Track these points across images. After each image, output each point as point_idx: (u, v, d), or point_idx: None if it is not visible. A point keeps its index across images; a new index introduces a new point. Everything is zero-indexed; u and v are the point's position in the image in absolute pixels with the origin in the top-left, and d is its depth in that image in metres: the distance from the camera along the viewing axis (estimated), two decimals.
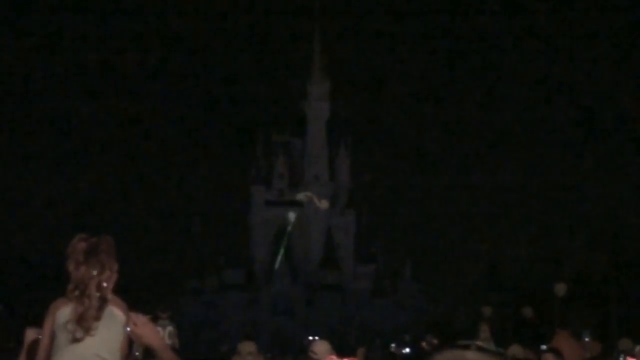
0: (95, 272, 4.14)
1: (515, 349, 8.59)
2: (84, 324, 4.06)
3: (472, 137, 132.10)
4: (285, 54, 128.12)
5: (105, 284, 4.17)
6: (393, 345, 51.95)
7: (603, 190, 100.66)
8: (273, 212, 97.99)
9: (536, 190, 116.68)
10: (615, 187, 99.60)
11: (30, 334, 6.29)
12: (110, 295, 4.18)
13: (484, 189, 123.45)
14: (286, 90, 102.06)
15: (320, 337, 8.94)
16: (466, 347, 2.26)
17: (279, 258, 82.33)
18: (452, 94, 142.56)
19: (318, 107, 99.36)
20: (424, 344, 10.97)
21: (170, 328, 5.13)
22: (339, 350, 11.95)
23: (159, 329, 5.49)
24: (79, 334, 4.05)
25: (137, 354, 6.82)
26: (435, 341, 10.97)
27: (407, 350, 48.96)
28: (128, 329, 4.15)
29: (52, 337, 4.15)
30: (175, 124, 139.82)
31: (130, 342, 4.26)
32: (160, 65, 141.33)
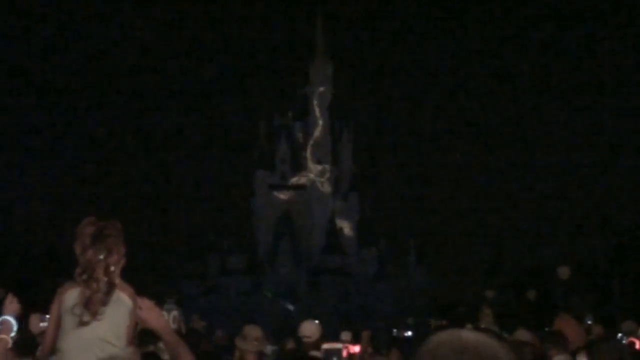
0: (102, 256, 4.15)
1: (521, 334, 8.56)
2: (91, 307, 4.07)
3: (476, 120, 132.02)
4: (287, 38, 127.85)
5: (112, 268, 4.18)
6: (395, 330, 52.14)
7: (604, 177, 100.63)
8: (276, 196, 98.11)
9: (540, 174, 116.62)
10: (616, 175, 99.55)
11: (34, 321, 6.28)
12: (117, 280, 4.20)
13: (488, 173, 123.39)
14: (289, 74, 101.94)
15: (324, 321, 8.92)
16: (461, 327, 2.27)
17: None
18: (456, 77, 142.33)
19: (321, 91, 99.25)
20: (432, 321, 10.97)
21: (175, 312, 5.14)
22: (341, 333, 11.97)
23: (164, 313, 5.49)
24: (86, 318, 4.06)
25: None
26: (444, 322, 10.96)
27: (409, 333, 49.18)
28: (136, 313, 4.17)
29: (59, 321, 4.16)
30: (179, 110, 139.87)
31: (135, 326, 4.27)
32: (163, 53, 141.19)
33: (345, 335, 12.65)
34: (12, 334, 4.98)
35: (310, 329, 7.79)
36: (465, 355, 2.18)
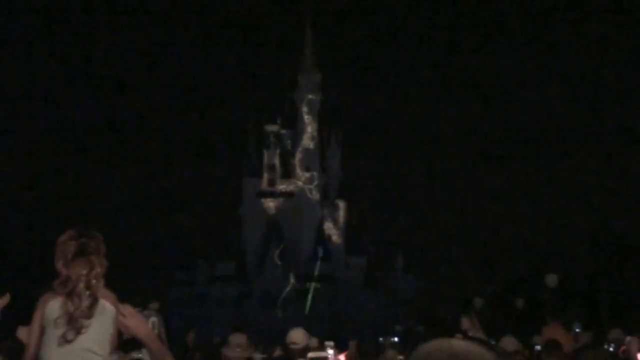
0: (84, 272, 4.12)
1: (507, 341, 8.52)
2: (75, 324, 4.04)
3: (465, 127, 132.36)
4: (276, 44, 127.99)
5: (94, 281, 4.14)
6: (381, 338, 52.10)
7: (593, 185, 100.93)
8: (264, 203, 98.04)
9: (528, 184, 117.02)
10: (604, 183, 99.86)
11: (22, 333, 6.25)
12: (100, 291, 4.16)
13: (477, 181, 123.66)
14: (277, 81, 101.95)
15: (311, 329, 8.91)
16: (451, 335, 2.27)
17: None
18: (444, 83, 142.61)
19: (309, 99, 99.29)
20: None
21: (154, 319, 5.08)
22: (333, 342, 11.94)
23: None
24: (70, 336, 4.03)
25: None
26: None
27: (396, 339, 49.17)
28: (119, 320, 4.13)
29: (42, 332, 4.12)
30: (167, 116, 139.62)
31: (119, 334, 4.24)
32: (152, 57, 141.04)
33: (330, 345, 12.63)
34: None
35: (297, 336, 7.77)
36: None
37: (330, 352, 9.57)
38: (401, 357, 12.45)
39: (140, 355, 4.86)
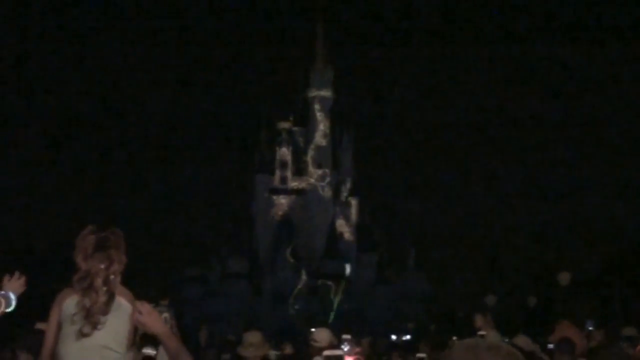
0: (103, 266, 4.14)
1: (521, 340, 8.51)
2: (91, 319, 4.06)
3: (478, 125, 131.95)
4: (288, 41, 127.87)
5: (112, 277, 4.16)
6: (394, 336, 52.12)
7: (603, 184, 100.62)
8: (277, 200, 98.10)
9: (539, 181, 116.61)
10: (614, 182, 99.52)
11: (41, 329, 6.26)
12: (117, 288, 4.18)
13: (488, 178, 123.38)
14: (290, 78, 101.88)
15: (324, 327, 8.96)
16: (476, 347, 2.30)
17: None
18: (456, 81, 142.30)
19: (321, 95, 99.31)
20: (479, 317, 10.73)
21: (166, 314, 5.13)
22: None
23: None
24: (86, 330, 4.04)
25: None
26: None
27: (408, 337, 49.16)
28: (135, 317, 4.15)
29: (59, 328, 4.14)
30: (180, 113, 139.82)
31: (135, 331, 4.26)
32: (163, 54, 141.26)
33: (347, 338, 12.66)
34: (10, 308, 4.94)
35: (321, 335, 7.86)
36: None
37: (346, 347, 9.60)
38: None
39: (153, 351, 4.89)
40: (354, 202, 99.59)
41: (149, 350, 4.87)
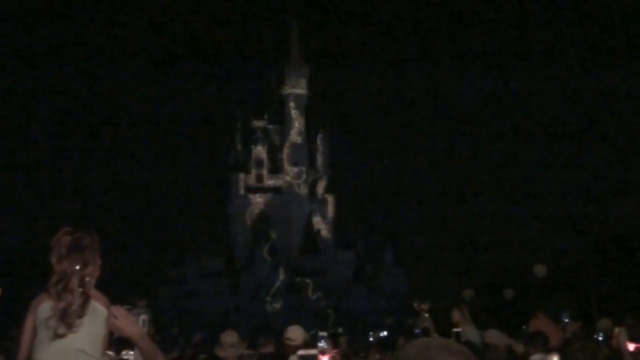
0: (78, 267, 4.13)
1: (492, 335, 8.57)
2: (66, 320, 4.05)
3: (450, 120, 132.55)
4: (263, 39, 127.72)
5: (88, 279, 4.16)
6: (371, 333, 52.25)
7: (583, 175, 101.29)
8: (253, 199, 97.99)
9: (515, 175, 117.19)
10: (594, 173, 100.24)
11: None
12: (92, 291, 4.18)
13: (465, 174, 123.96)
14: (265, 76, 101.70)
15: (300, 324, 8.95)
16: (428, 345, 2.38)
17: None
18: (429, 77, 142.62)
19: (296, 93, 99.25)
20: (415, 305, 10.88)
21: (144, 317, 5.11)
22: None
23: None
24: (61, 330, 4.04)
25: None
26: (426, 306, 10.92)
27: (385, 333, 49.22)
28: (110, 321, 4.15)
29: (34, 334, 4.13)
30: (154, 113, 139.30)
31: (111, 335, 4.26)
32: (137, 50, 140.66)
33: (324, 335, 12.65)
34: None
35: (295, 333, 7.83)
36: None
37: (323, 345, 9.59)
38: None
39: (130, 356, 4.89)
40: (330, 199, 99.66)
41: (128, 356, 4.88)
